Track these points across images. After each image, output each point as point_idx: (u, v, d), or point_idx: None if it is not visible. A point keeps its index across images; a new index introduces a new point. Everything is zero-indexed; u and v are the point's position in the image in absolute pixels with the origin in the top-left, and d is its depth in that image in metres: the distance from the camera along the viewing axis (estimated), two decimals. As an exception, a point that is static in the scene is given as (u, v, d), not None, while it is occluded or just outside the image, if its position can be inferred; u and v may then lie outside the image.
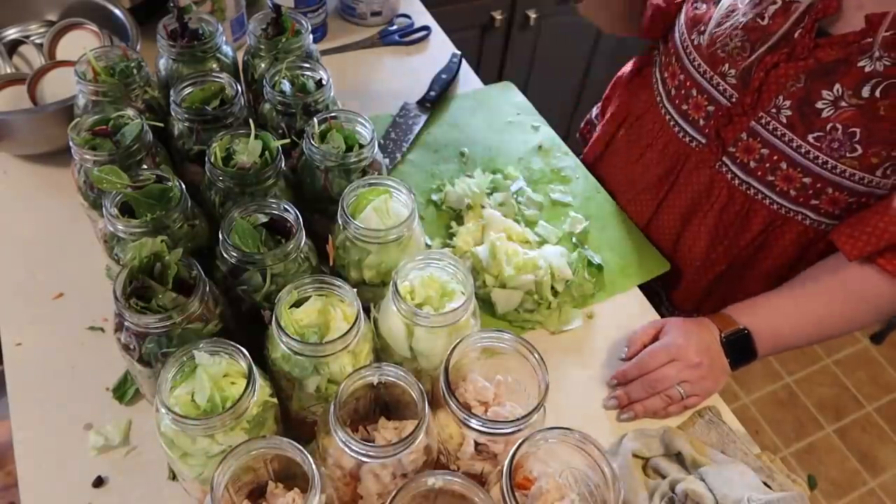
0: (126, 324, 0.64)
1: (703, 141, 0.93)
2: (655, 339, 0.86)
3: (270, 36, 0.92)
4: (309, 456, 0.55)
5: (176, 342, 0.64)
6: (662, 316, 0.93)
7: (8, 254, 0.93)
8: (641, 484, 0.74)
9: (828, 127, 0.80)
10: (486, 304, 0.90)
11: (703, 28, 0.89)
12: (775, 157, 0.86)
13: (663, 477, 0.75)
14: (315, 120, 0.80)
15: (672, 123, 0.97)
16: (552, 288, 0.90)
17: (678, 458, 0.77)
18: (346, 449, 0.57)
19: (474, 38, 1.91)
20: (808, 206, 0.88)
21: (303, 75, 0.88)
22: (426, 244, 0.85)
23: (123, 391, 0.79)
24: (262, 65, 0.92)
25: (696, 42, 0.90)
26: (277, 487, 0.62)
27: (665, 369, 0.81)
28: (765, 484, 0.75)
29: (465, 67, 1.28)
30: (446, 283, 0.70)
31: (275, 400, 0.64)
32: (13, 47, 1.12)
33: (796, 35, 0.80)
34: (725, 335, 0.85)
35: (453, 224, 1.00)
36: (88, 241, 0.90)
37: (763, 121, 0.85)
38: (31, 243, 0.94)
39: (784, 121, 0.83)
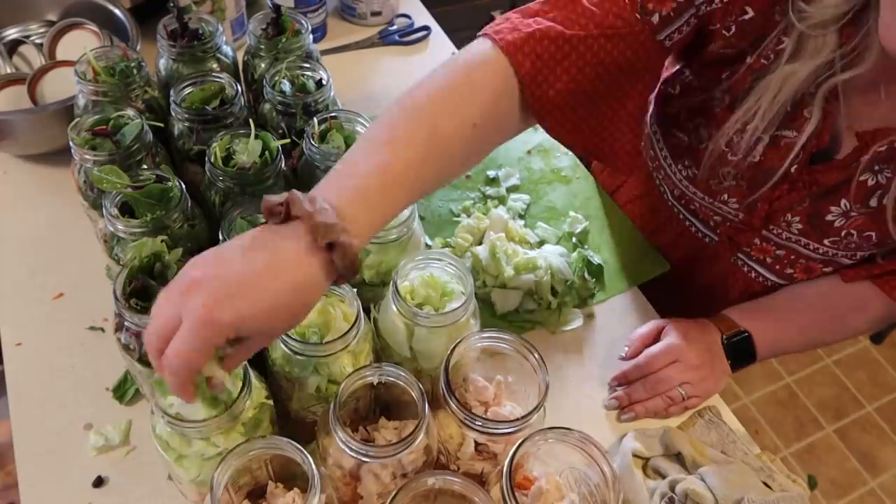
0: (126, 324, 0.64)
1: (716, 238, 0.92)
2: (656, 339, 0.86)
3: (270, 36, 0.92)
4: (309, 456, 0.55)
5: (176, 342, 0.64)
6: (663, 316, 0.93)
7: (8, 254, 0.93)
8: (641, 484, 0.74)
9: (842, 234, 0.79)
10: (486, 305, 0.90)
11: (688, 163, 0.87)
12: (793, 256, 0.86)
13: (663, 477, 0.75)
14: (315, 120, 0.80)
15: (682, 217, 0.95)
16: (552, 288, 0.90)
17: (678, 458, 0.77)
18: (346, 449, 0.57)
19: (474, 38, 1.91)
20: None
21: (303, 75, 0.88)
22: (426, 244, 0.85)
23: (123, 391, 0.79)
24: (262, 65, 0.92)
25: (685, 174, 0.88)
26: (277, 487, 0.62)
27: (666, 370, 0.81)
28: (765, 484, 0.75)
29: (465, 67, 1.28)
30: (446, 283, 0.70)
31: (271, 402, 0.64)
32: (13, 47, 1.12)
33: (793, 171, 0.77)
34: (727, 337, 0.85)
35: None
36: (88, 241, 0.90)
37: (775, 231, 0.85)
38: (31, 243, 0.94)
39: (796, 231, 0.83)
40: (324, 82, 0.87)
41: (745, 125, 0.75)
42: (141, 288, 0.64)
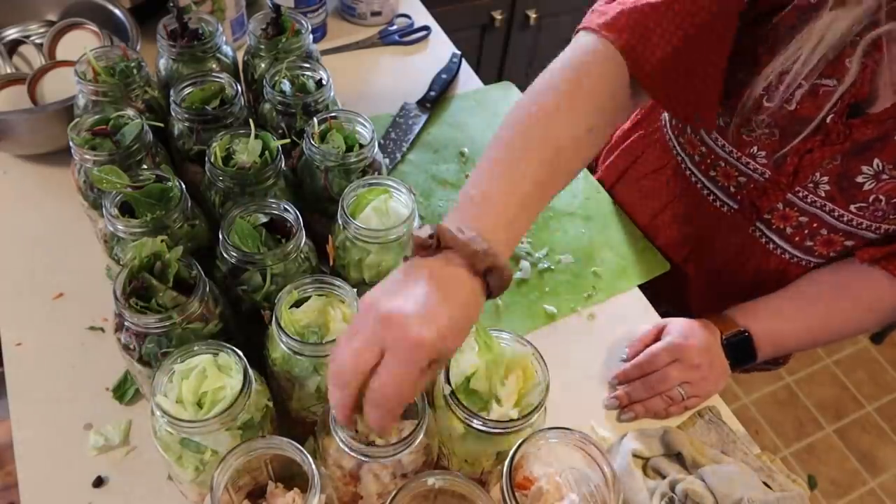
0: (126, 324, 0.64)
1: (735, 206, 0.90)
2: (657, 339, 0.86)
3: (270, 36, 0.92)
4: (309, 456, 0.55)
5: (176, 342, 0.64)
6: (663, 315, 0.92)
7: (8, 254, 0.93)
8: (641, 484, 0.74)
9: (870, 199, 0.78)
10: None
11: (721, 112, 0.84)
12: (815, 225, 0.84)
13: (663, 477, 0.75)
14: (315, 120, 0.80)
15: (700, 186, 0.93)
16: None
17: (678, 458, 0.77)
18: (346, 449, 0.57)
19: (474, 38, 1.91)
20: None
21: (303, 75, 0.88)
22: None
23: (123, 391, 0.79)
24: (262, 65, 0.92)
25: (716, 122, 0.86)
26: (277, 487, 0.62)
27: (666, 370, 0.81)
28: (765, 484, 0.75)
29: (465, 67, 1.28)
30: (446, 283, 0.70)
31: (271, 405, 0.64)
32: (13, 47, 1.12)
33: (828, 120, 0.76)
34: (726, 337, 0.85)
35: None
36: (88, 241, 0.90)
37: (800, 194, 0.83)
38: (31, 243, 0.94)
39: (823, 194, 0.81)
40: (324, 82, 0.87)
41: (786, 71, 0.75)
42: (141, 288, 0.64)
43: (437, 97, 1.19)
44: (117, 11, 1.08)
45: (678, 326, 0.85)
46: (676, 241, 1.00)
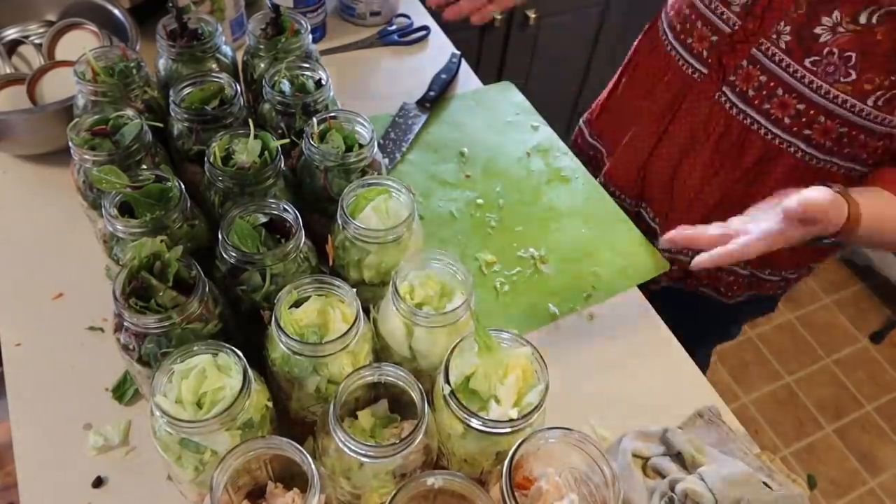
0: (126, 324, 0.64)
1: (705, 71, 0.97)
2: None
3: (270, 36, 0.92)
4: (308, 456, 0.55)
5: (175, 342, 0.64)
6: (658, 305, 0.93)
7: (8, 254, 0.93)
8: (641, 484, 0.74)
9: (824, 51, 0.83)
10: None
11: None
12: (772, 84, 0.90)
13: (663, 477, 0.75)
14: (314, 120, 0.79)
15: (676, 57, 1.01)
16: None
17: (678, 457, 0.77)
18: (346, 449, 0.57)
19: (474, 38, 1.91)
20: (801, 137, 0.91)
21: (302, 75, 0.88)
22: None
23: (123, 391, 0.79)
24: (262, 65, 0.92)
25: None
26: (277, 487, 0.62)
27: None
28: (765, 484, 0.75)
29: (465, 67, 1.28)
30: (445, 282, 0.70)
31: (271, 405, 0.64)
32: (12, 47, 1.12)
33: None
34: (831, 238, 0.81)
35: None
36: (88, 241, 0.90)
37: (763, 47, 0.89)
38: (31, 243, 0.94)
39: (783, 46, 0.87)
40: (323, 82, 0.87)
41: None
42: (140, 288, 0.64)
43: (436, 97, 1.19)
44: (117, 11, 1.08)
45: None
46: (656, 116, 1.06)
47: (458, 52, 1.29)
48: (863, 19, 0.79)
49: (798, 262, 1.13)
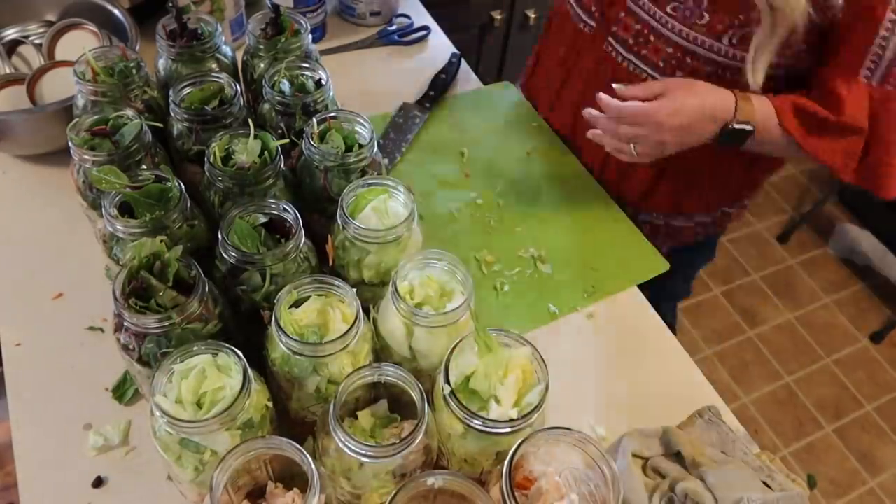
0: (126, 324, 0.64)
1: (593, 24, 1.04)
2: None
3: (269, 36, 0.92)
4: (308, 456, 0.55)
5: (175, 342, 0.64)
6: (661, 310, 0.93)
7: (8, 254, 0.93)
8: (641, 484, 0.74)
9: None
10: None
11: None
12: (645, 31, 0.97)
13: (663, 477, 0.75)
14: (314, 120, 0.79)
15: (572, 14, 1.08)
16: None
17: (678, 457, 0.77)
18: (346, 449, 0.57)
19: (474, 38, 1.91)
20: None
21: (302, 75, 0.88)
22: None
23: (123, 391, 0.79)
24: (262, 65, 0.92)
25: None
26: (277, 487, 0.62)
27: (628, 129, 0.90)
28: (765, 484, 0.75)
29: (465, 67, 1.28)
30: (445, 282, 0.70)
31: (271, 405, 0.64)
32: (12, 47, 1.12)
33: None
34: (736, 122, 0.89)
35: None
36: (88, 241, 0.90)
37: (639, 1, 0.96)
38: (31, 243, 0.94)
39: None
40: (323, 82, 0.87)
41: None
42: (140, 288, 0.64)
43: (436, 97, 1.19)
44: (116, 11, 1.08)
45: (675, 90, 0.90)
46: (555, 66, 1.14)
47: (457, 53, 1.29)
48: None
49: (706, 205, 1.18)
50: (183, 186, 0.73)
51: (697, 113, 0.89)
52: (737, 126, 0.89)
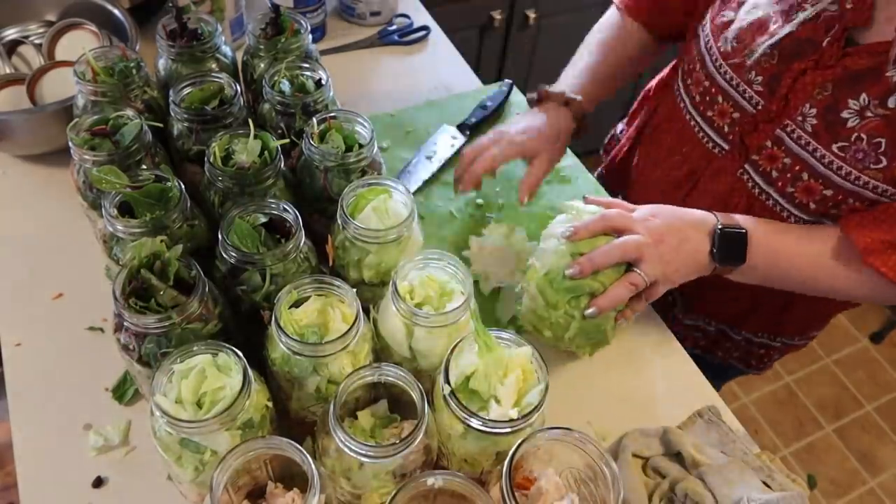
0: (126, 324, 0.64)
1: (727, 147, 0.91)
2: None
3: (269, 36, 0.92)
4: (308, 456, 0.55)
5: (175, 342, 0.64)
6: (668, 319, 0.92)
7: (8, 254, 0.93)
8: (641, 484, 0.74)
9: (853, 137, 0.78)
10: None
11: (729, 35, 0.88)
12: (797, 168, 0.84)
13: (663, 477, 0.75)
14: (314, 120, 0.79)
15: (696, 129, 0.95)
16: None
17: (678, 458, 0.77)
18: (346, 449, 0.57)
19: (474, 38, 1.91)
20: (828, 217, 0.86)
21: (302, 75, 0.88)
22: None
23: (123, 391, 0.79)
24: (262, 65, 0.92)
25: (722, 49, 0.88)
26: (277, 487, 0.62)
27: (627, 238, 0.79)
28: (765, 484, 0.75)
29: (465, 67, 1.28)
30: (445, 282, 0.70)
31: (271, 405, 0.64)
32: (12, 47, 1.12)
33: (824, 43, 0.79)
34: (723, 224, 0.81)
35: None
36: (88, 241, 0.90)
37: (788, 129, 0.84)
38: (31, 243, 0.94)
39: (809, 129, 0.81)
40: (323, 82, 0.87)
41: None
42: (140, 288, 0.64)
43: (477, 125, 1.15)
44: (116, 11, 1.08)
45: (645, 208, 0.82)
46: (671, 188, 1.01)
47: (509, 81, 1.23)
48: (892, 103, 0.75)
49: (804, 328, 1.10)
50: (183, 186, 0.73)
51: (680, 218, 0.82)
52: (727, 230, 0.81)
